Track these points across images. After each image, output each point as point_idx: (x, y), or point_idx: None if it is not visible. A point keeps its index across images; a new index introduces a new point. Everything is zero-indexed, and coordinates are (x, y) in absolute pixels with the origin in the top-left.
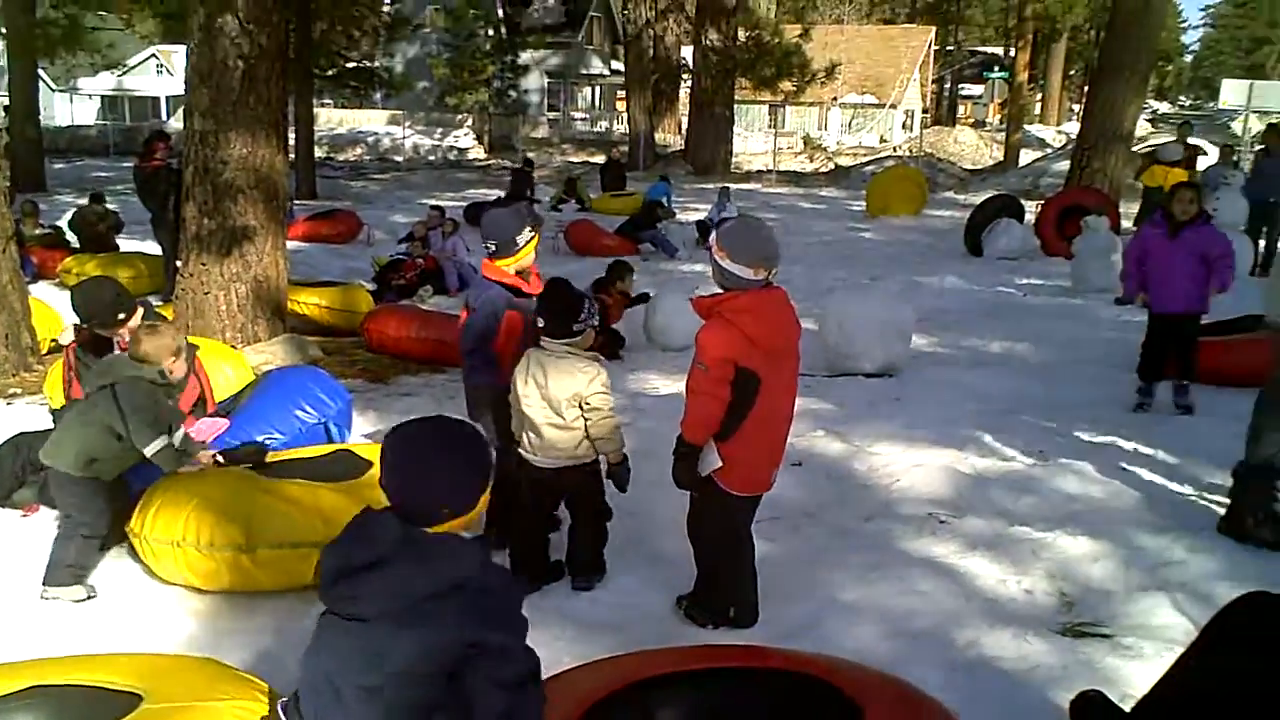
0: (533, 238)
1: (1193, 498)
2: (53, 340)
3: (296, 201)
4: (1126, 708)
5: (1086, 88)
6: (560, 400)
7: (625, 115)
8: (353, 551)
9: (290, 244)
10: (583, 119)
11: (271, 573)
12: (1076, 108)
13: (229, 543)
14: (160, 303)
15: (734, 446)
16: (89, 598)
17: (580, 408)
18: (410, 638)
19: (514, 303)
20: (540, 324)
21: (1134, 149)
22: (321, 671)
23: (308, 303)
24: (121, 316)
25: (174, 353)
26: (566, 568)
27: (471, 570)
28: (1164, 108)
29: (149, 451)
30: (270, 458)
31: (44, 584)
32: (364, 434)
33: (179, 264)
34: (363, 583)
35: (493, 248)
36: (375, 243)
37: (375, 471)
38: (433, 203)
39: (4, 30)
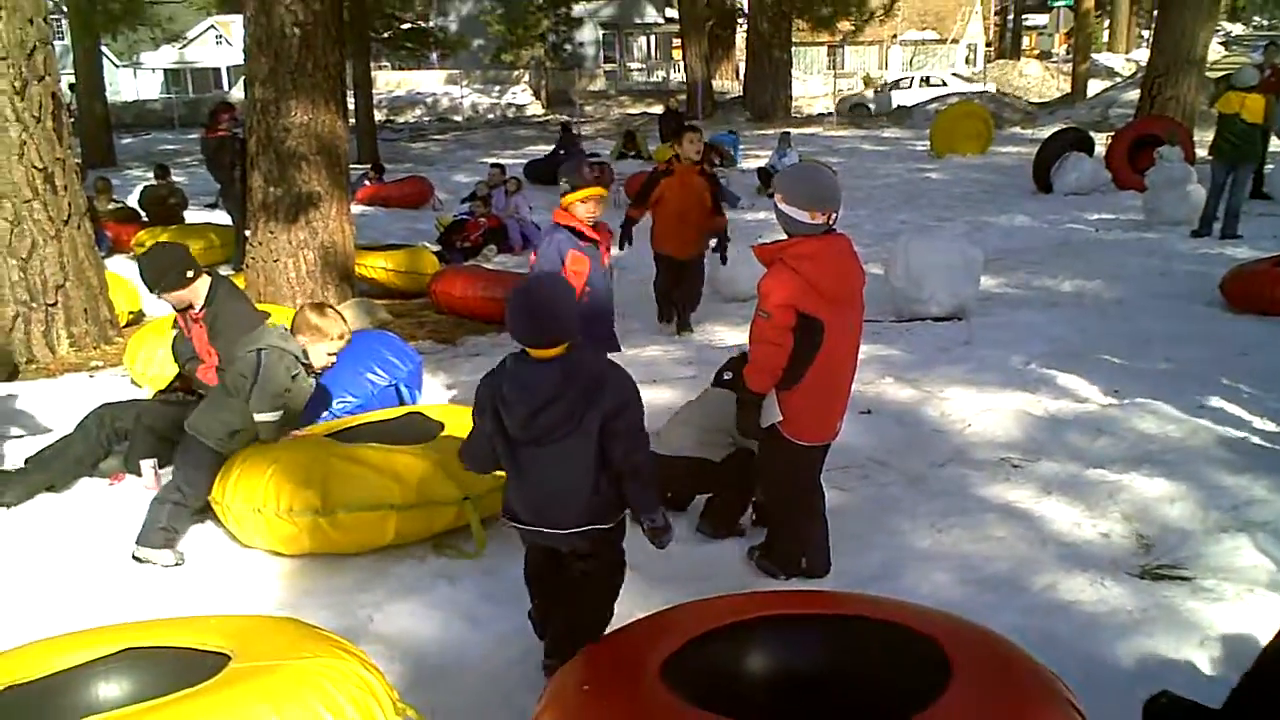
0: (598, 176)
1: (1275, 434)
2: (130, 312)
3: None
4: (1208, 652)
5: (1156, 11)
6: None
7: (681, 63)
8: (528, 402)
9: (354, 208)
10: (639, 69)
11: (350, 535)
12: (1146, 33)
13: (307, 507)
14: (231, 271)
15: (798, 395)
16: (177, 564)
17: None
18: (583, 428)
19: (577, 244)
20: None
21: (1207, 74)
22: (532, 476)
23: (375, 266)
24: (190, 275)
25: (331, 337)
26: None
27: (599, 369)
28: (1238, 29)
29: (259, 416)
30: (344, 423)
31: (136, 543)
32: (435, 395)
33: (247, 233)
34: (541, 423)
35: (566, 187)
36: (440, 207)
37: (447, 433)
38: (494, 161)
39: (66, 8)
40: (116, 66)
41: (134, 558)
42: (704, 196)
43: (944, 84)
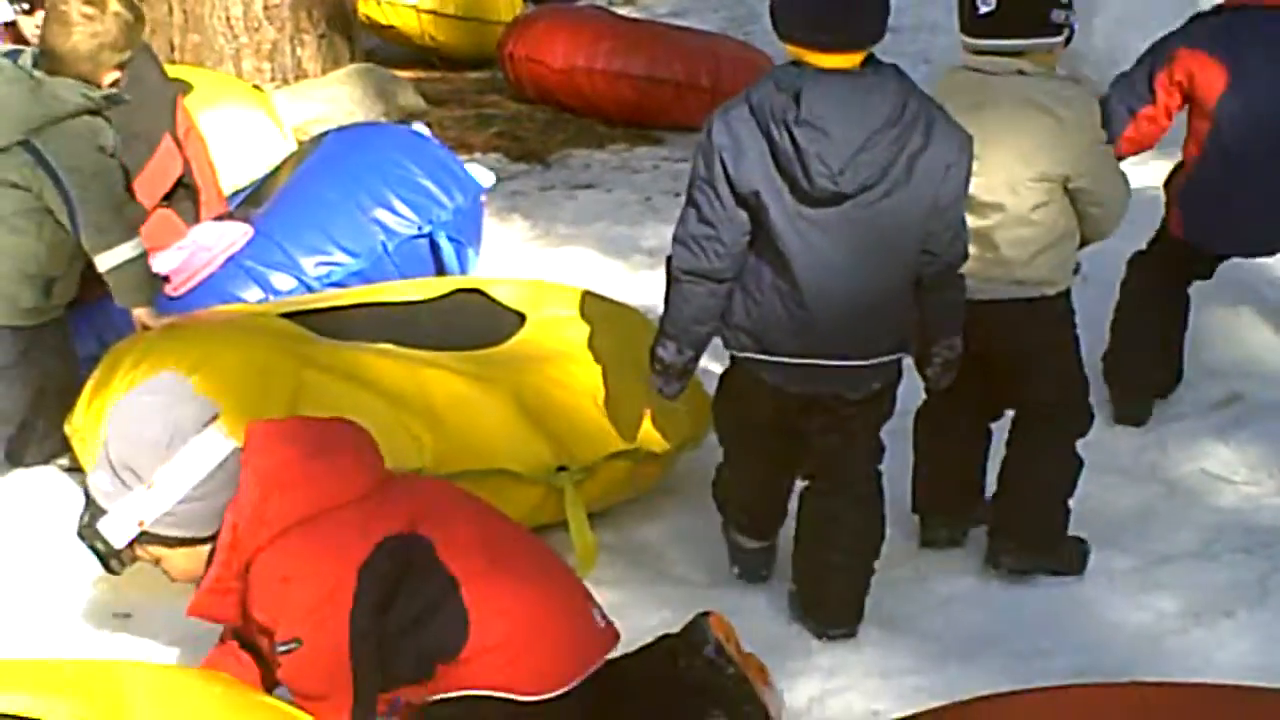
0: None
1: None
2: None
3: None
4: None
5: None
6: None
7: None
8: (854, 126)
9: None
10: None
11: None
12: None
13: None
14: None
15: None
16: None
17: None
18: (914, 179)
19: None
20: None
21: None
22: (817, 271)
23: (399, 4)
24: None
25: (120, 47)
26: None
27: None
28: None
29: (106, 265)
30: (322, 299)
31: None
32: (504, 262)
33: None
34: (866, 163)
35: None
36: None
37: (529, 333)
38: None
39: None
40: None
41: None
42: None
43: None
